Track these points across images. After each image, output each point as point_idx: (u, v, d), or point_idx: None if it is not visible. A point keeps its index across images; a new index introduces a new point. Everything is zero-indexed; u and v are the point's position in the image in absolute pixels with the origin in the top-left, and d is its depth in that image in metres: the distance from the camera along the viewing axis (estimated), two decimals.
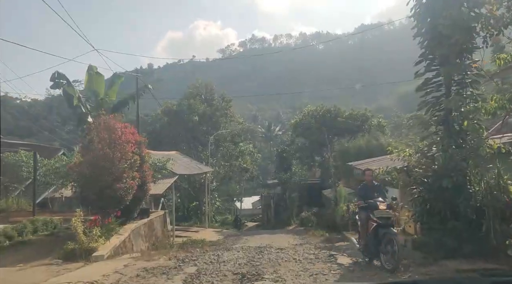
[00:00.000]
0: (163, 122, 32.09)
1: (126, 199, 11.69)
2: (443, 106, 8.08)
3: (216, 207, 37.62)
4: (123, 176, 11.39)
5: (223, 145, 33.64)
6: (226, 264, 8.26)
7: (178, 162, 24.66)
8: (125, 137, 11.99)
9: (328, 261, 8.21)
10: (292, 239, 19.15)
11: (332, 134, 32.17)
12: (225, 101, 34.55)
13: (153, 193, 18.38)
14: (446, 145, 7.67)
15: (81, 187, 11.46)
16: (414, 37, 8.46)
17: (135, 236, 12.74)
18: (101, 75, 15.71)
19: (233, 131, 34.34)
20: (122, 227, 12.06)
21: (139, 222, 13.47)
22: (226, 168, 34.87)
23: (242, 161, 34.55)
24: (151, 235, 14.87)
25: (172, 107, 32.89)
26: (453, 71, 7.59)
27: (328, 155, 30.95)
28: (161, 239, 15.90)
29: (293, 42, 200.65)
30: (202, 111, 32.00)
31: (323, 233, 19.75)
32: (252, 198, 51.33)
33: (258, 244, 15.91)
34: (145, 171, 13.62)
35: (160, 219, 16.48)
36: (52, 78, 15.14)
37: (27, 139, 44.19)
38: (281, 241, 18.07)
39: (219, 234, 24.52)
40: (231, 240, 20.35)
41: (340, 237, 15.65)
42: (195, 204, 34.35)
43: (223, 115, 33.30)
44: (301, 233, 23.86)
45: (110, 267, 7.59)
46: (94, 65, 15.42)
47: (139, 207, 13.64)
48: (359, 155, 19.57)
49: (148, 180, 13.75)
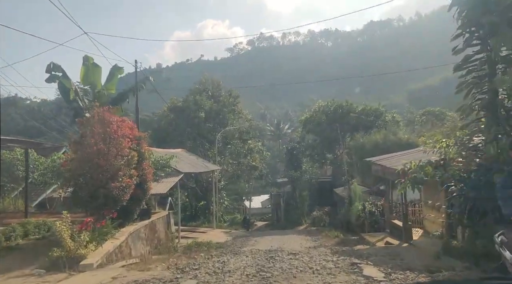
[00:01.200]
0: (168, 119, 31.06)
1: (123, 199, 10.60)
2: (486, 87, 6.80)
3: (224, 206, 36.55)
4: (119, 174, 10.30)
5: (231, 143, 32.50)
6: (231, 275, 7.09)
7: (184, 160, 23.62)
8: (122, 131, 10.90)
9: (351, 272, 6.96)
10: (305, 240, 17.94)
11: (344, 130, 30.83)
12: (233, 97, 33.38)
13: (156, 193, 17.36)
14: (493, 133, 6.38)
15: (73, 187, 10.40)
16: (450, 8, 7.17)
17: (134, 240, 11.66)
18: (98, 67, 14.64)
19: (241, 128, 33.14)
20: (119, 230, 10.98)
21: (139, 224, 12.39)
22: (234, 167, 33.74)
23: (251, 159, 33.37)
24: (153, 238, 13.80)
25: (178, 104, 31.84)
26: (506, 43, 6.29)
27: (341, 152, 29.65)
28: (164, 242, 14.83)
29: (301, 40, 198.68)
30: (209, 107, 30.88)
31: (338, 234, 18.52)
32: (262, 197, 50.36)
33: (268, 247, 14.74)
34: (145, 169, 12.52)
35: (163, 220, 15.40)
36: (48, 70, 14.13)
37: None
38: (292, 243, 16.87)
39: (227, 235, 23.40)
40: (239, 241, 19.21)
41: (357, 239, 14.40)
42: (203, 203, 33.31)
43: (230, 112, 32.12)
44: (314, 233, 22.63)
45: (95, 280, 6.47)
46: (90, 56, 14.36)
47: (139, 207, 12.55)
48: (375, 151, 18.28)
49: (148, 179, 12.65)
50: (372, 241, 13.03)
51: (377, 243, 12.18)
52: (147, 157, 12.89)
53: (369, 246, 11.91)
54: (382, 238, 12.96)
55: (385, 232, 14.51)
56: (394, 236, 12.65)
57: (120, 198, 10.45)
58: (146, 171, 12.59)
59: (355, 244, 13.35)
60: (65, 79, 14.41)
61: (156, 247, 13.84)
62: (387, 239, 12.50)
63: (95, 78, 14.78)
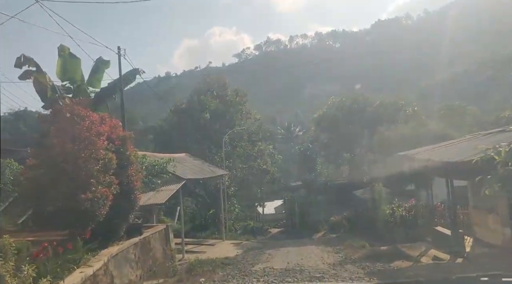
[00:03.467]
0: (172, 123, 28.97)
1: (99, 213, 8.38)
2: None
3: (236, 214, 34.22)
4: (91, 183, 8.09)
5: (239, 145, 30.20)
6: None
7: (187, 165, 21.44)
8: (96, 129, 8.70)
9: None
10: (326, 253, 15.49)
11: (361, 127, 28.33)
12: (240, 96, 31.15)
13: (154, 203, 15.16)
14: None
15: (34, 200, 8.22)
16: None
17: (119, 264, 9.40)
18: (77, 59, 12.54)
19: (250, 129, 30.82)
20: (98, 252, 8.75)
21: (125, 243, 10.13)
22: (244, 171, 31.40)
23: (262, 162, 31.00)
24: (146, 259, 11.53)
25: (181, 106, 29.72)
26: None
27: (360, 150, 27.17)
28: (162, 262, 12.55)
29: (309, 42, 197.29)
30: (214, 107, 28.68)
31: (363, 243, 16.01)
32: (275, 202, 48.20)
33: (285, 265, 12.37)
34: (131, 175, 10.31)
35: (160, 235, 13.12)
36: (18, 64, 12.07)
37: None
38: (313, 257, 14.44)
39: (238, 247, 21.05)
40: (251, 256, 16.86)
41: (391, 251, 11.85)
42: (213, 212, 31.04)
43: (237, 111, 29.84)
44: (334, 242, 20.12)
45: None
46: (66, 46, 12.25)
47: (125, 223, 10.33)
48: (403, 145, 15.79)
49: (136, 186, 10.43)
50: (413, 254, 10.50)
51: (421, 258, 9.67)
52: (134, 160, 10.66)
53: (412, 262, 9.45)
54: (426, 251, 10.41)
55: (425, 241, 11.91)
56: (440, 247, 10.13)
57: (94, 213, 8.23)
58: (133, 178, 10.38)
59: (390, 258, 10.86)
60: (40, 74, 12.31)
61: (150, 270, 11.57)
62: (432, 251, 10.01)
63: (74, 72, 12.68)
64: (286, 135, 74.61)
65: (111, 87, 13.23)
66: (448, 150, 9.61)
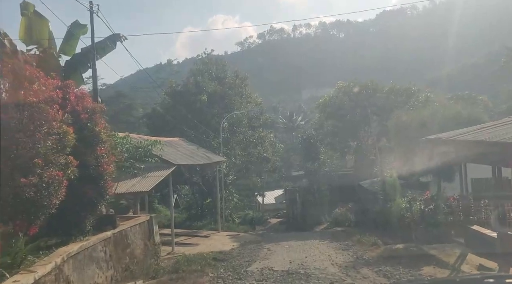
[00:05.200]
0: (167, 106, 26.95)
1: (48, 203, 6.48)
2: None
3: (234, 203, 32.46)
4: (36, 163, 6.17)
5: (238, 131, 28.18)
6: None
7: (180, 150, 19.57)
8: (48, 93, 6.74)
9: None
10: (333, 250, 13.65)
11: (370, 113, 26.32)
12: (240, 78, 29.00)
13: (137, 191, 13.30)
14: None
15: None
16: None
17: (80, 265, 7.56)
18: (44, 19, 10.54)
19: (250, 112, 28.73)
20: (54, 251, 6.92)
21: (92, 239, 8.26)
22: (243, 158, 29.46)
23: (262, 150, 29.00)
24: (122, 256, 9.69)
25: (177, 88, 27.65)
26: None
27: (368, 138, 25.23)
28: (142, 259, 10.71)
29: (313, 32, 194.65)
30: (212, 89, 26.57)
31: (375, 240, 14.14)
32: (275, 192, 46.73)
33: (286, 265, 10.53)
34: (101, 156, 8.41)
35: (142, 228, 11.25)
36: None
37: None
38: (318, 256, 12.61)
39: (234, 239, 19.26)
40: (247, 251, 15.05)
41: (415, 253, 9.85)
42: (209, 201, 29.25)
43: (237, 94, 27.73)
44: (341, 237, 18.27)
45: None
46: (31, 3, 10.22)
47: (92, 214, 8.45)
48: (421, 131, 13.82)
49: (107, 171, 8.53)
50: (445, 259, 8.53)
51: (461, 266, 7.71)
52: (106, 139, 8.73)
53: (447, 269, 7.57)
54: (463, 256, 8.43)
55: (456, 242, 9.93)
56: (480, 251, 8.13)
57: (40, 202, 6.33)
58: (103, 160, 8.48)
59: (414, 262, 8.95)
60: None
61: (126, 269, 9.73)
62: (472, 257, 8.08)
63: (41, 35, 10.66)
64: (288, 124, 73.31)
65: (84, 53, 11.22)
66: (495, 133, 7.66)
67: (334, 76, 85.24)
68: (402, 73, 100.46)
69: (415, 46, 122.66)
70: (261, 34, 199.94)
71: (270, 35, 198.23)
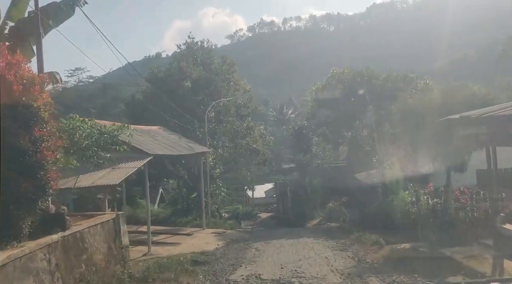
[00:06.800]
0: (148, 93, 24.95)
1: None
2: None
3: (221, 197, 30.71)
4: None
5: (225, 120, 26.32)
6: None
7: (160, 140, 17.70)
8: None
9: None
10: (330, 250, 12.00)
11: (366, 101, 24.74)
12: (228, 64, 27.07)
13: (103, 185, 11.44)
14: None
15: None
16: None
17: (10, 279, 5.74)
18: None
19: (238, 100, 26.84)
20: None
21: (29, 244, 6.42)
22: (231, 150, 27.65)
23: (251, 141, 27.22)
24: (76, 264, 7.86)
25: (159, 73, 25.61)
26: None
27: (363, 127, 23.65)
28: (104, 267, 8.86)
29: (303, 25, 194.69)
30: (197, 75, 24.60)
31: (376, 238, 12.56)
32: (266, 185, 45.40)
33: (277, 272, 8.83)
34: (41, 140, 6.56)
35: (105, 229, 9.41)
36: None
37: None
38: (313, 257, 10.94)
39: (219, 237, 17.52)
40: (233, 251, 13.35)
41: (430, 256, 8.16)
42: (195, 195, 27.40)
43: (224, 81, 25.80)
44: (337, 235, 16.67)
45: None
46: None
47: (31, 214, 6.60)
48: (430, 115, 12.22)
49: (49, 159, 6.67)
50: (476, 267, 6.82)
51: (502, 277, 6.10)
52: (48, 118, 6.86)
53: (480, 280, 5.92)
54: (498, 263, 6.74)
55: (482, 244, 8.12)
56: None
57: None
58: (42, 145, 6.61)
59: (436, 268, 7.30)
60: None
61: (82, 279, 7.90)
62: (510, 265, 6.45)
63: None
64: (279, 117, 72.18)
65: (32, 18, 9.27)
66: None
67: (325, 69, 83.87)
68: (393, 66, 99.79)
69: (405, 39, 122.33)
70: (251, 27, 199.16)
71: (260, 28, 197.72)
